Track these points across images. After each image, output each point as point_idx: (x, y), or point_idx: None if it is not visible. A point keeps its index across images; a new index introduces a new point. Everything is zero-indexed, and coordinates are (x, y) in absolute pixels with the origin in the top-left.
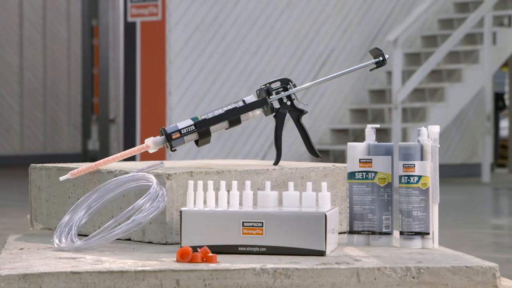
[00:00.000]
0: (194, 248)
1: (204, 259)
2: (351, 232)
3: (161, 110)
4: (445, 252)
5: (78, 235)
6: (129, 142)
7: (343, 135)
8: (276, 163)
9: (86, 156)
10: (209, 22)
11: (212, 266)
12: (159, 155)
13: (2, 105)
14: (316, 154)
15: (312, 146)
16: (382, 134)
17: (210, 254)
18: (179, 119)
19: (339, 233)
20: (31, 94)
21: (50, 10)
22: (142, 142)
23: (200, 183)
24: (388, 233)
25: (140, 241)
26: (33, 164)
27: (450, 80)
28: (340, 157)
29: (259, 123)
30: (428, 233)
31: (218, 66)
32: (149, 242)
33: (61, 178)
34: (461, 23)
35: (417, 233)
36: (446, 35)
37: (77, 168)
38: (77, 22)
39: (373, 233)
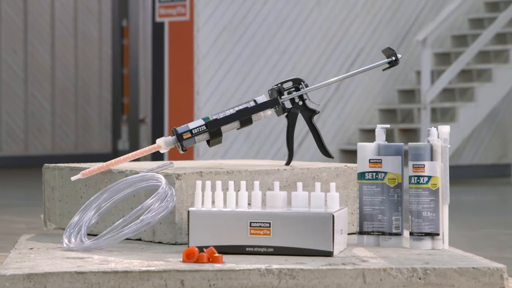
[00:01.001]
0: (201, 249)
1: (210, 260)
2: (361, 232)
3: (189, 110)
4: (454, 253)
5: (89, 234)
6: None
7: (372, 135)
8: (288, 163)
9: (116, 156)
10: (237, 21)
11: (217, 266)
12: (187, 155)
13: (34, 105)
14: (328, 154)
15: (324, 146)
16: (411, 134)
17: (216, 254)
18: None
19: (352, 233)
20: (63, 94)
21: (81, 11)
22: None
23: (208, 183)
24: (398, 234)
25: (151, 241)
26: (46, 164)
27: (480, 80)
28: None
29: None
30: (438, 234)
31: (246, 66)
32: (159, 242)
33: (73, 178)
34: (491, 23)
35: (426, 234)
36: (476, 34)
37: (89, 168)
38: (108, 22)
39: (383, 233)
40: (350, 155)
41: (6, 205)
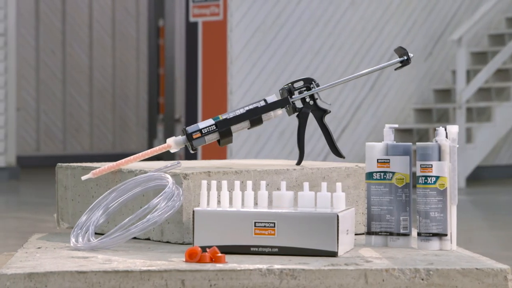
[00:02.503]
0: (204, 248)
1: (213, 259)
2: (369, 233)
3: (223, 110)
4: (461, 254)
5: (99, 234)
6: None
7: (407, 135)
8: (298, 163)
9: (154, 156)
10: (271, 21)
11: (218, 266)
12: (221, 154)
13: (72, 105)
14: (339, 154)
15: (336, 146)
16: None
17: (219, 254)
18: None
19: (362, 234)
20: (101, 94)
21: (119, 11)
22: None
23: (214, 183)
24: (406, 234)
25: (159, 241)
26: (59, 164)
27: None
28: None
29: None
30: (446, 235)
31: (279, 66)
32: (167, 242)
33: (83, 178)
34: None
35: (434, 235)
36: None
37: (100, 167)
38: (146, 22)
39: (391, 234)
40: None
41: (44, 204)
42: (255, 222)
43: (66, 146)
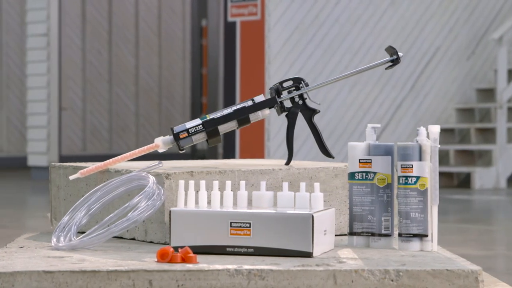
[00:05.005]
0: (176, 249)
1: (184, 260)
2: (351, 233)
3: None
4: (439, 255)
5: (81, 232)
6: (229, 141)
7: (449, 135)
8: (287, 163)
9: (194, 155)
10: (309, 21)
11: (186, 266)
12: (259, 154)
13: (118, 104)
14: (329, 154)
15: (325, 146)
16: (489, 134)
17: (191, 254)
18: (279, 119)
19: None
20: (147, 94)
21: (165, 11)
22: (241, 142)
23: (192, 183)
24: (388, 235)
25: (143, 241)
26: (53, 163)
27: None
28: (445, 157)
29: (359, 124)
30: (427, 235)
31: (318, 66)
32: (151, 242)
33: (71, 177)
34: None
35: (415, 235)
36: None
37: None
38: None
39: (373, 234)
40: None
41: None
42: (231, 222)
43: (112, 146)
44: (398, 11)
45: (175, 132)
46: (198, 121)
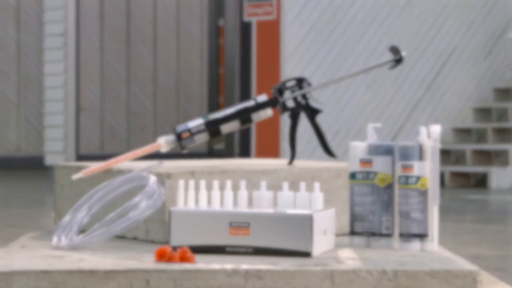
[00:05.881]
0: (175, 248)
1: (182, 259)
2: (352, 233)
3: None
4: (439, 255)
5: (80, 232)
6: (245, 141)
7: (466, 134)
8: (290, 163)
9: (211, 155)
10: (325, 21)
11: (184, 266)
12: (274, 153)
13: (136, 104)
14: (331, 154)
15: (327, 145)
16: (506, 133)
17: (189, 254)
18: None
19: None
20: (165, 94)
21: (182, 11)
22: (258, 140)
23: (192, 183)
24: (389, 235)
25: (145, 240)
26: (57, 163)
27: None
28: (462, 157)
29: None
30: (427, 235)
31: (334, 66)
32: (152, 241)
33: (74, 177)
34: None
35: (415, 235)
36: None
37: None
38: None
39: (373, 234)
40: (442, 154)
41: None
42: (230, 222)
43: (130, 145)
44: (415, 11)
45: (177, 132)
46: (200, 120)
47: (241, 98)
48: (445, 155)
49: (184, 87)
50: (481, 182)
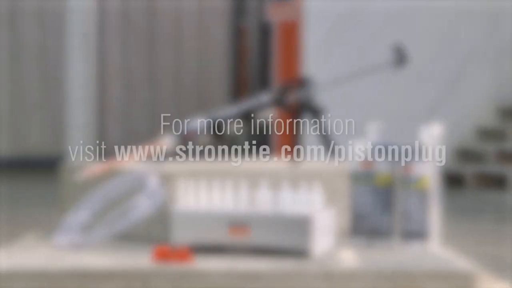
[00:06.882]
0: (174, 248)
1: (180, 259)
2: (352, 233)
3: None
4: (439, 255)
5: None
6: (262, 142)
7: (487, 135)
8: (292, 163)
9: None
10: (346, 21)
11: (181, 267)
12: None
13: (158, 105)
14: (333, 153)
15: (329, 145)
16: None
17: (187, 254)
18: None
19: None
20: (187, 95)
21: (205, 12)
22: (277, 139)
23: (192, 182)
24: (389, 235)
25: (146, 240)
26: (63, 164)
27: None
28: (482, 158)
29: (393, 123)
30: (427, 235)
31: (355, 65)
32: (153, 241)
33: (77, 177)
34: None
35: (415, 235)
36: None
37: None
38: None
39: (373, 234)
40: (466, 156)
41: None
42: (230, 222)
43: None
44: (436, 9)
45: (180, 131)
46: (203, 120)
47: None
48: (467, 155)
49: (206, 88)
50: (502, 182)
